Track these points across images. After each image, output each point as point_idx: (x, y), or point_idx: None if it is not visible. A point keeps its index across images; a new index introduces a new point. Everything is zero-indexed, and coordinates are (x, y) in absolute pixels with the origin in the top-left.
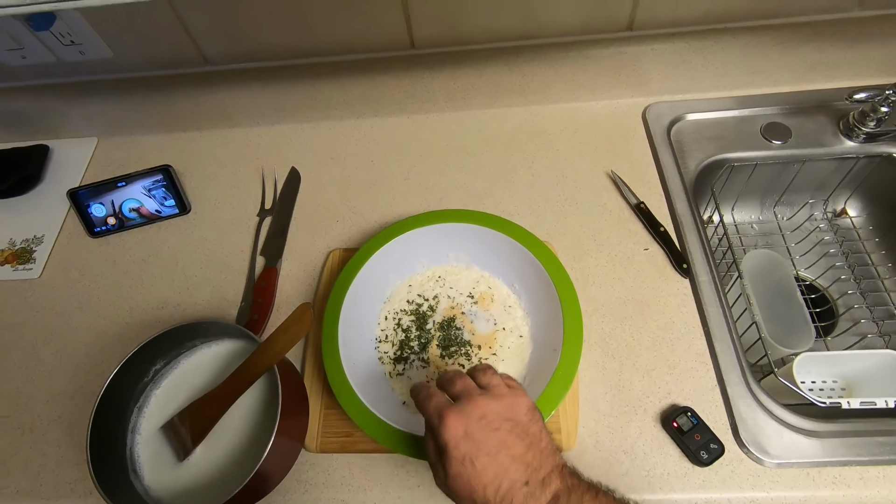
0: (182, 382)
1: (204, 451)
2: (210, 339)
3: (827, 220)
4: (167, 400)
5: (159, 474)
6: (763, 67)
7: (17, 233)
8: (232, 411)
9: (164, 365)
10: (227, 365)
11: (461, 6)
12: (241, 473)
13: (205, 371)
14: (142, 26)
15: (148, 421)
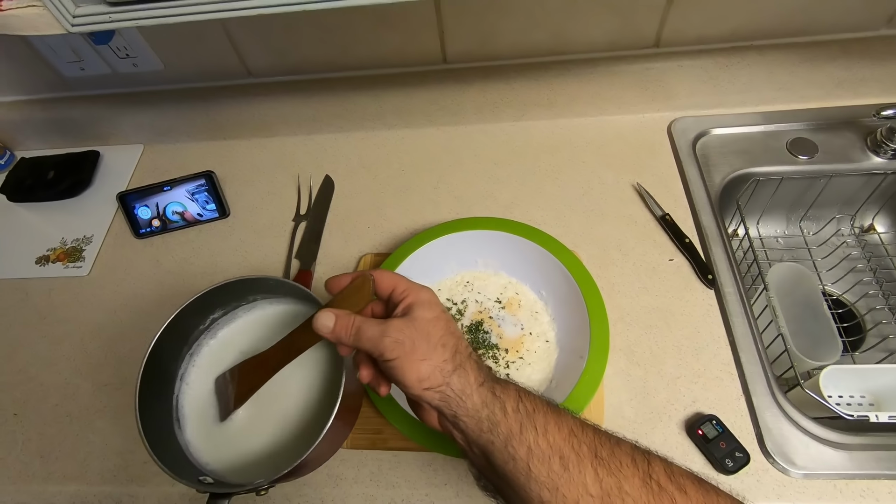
0: (236, 336)
1: (250, 417)
2: (271, 296)
3: (854, 235)
4: (220, 351)
5: (201, 430)
6: (790, 84)
7: (69, 232)
8: (288, 383)
9: (221, 314)
10: (283, 325)
11: (494, 24)
12: (286, 449)
13: (260, 328)
14: (193, 41)
15: (197, 370)
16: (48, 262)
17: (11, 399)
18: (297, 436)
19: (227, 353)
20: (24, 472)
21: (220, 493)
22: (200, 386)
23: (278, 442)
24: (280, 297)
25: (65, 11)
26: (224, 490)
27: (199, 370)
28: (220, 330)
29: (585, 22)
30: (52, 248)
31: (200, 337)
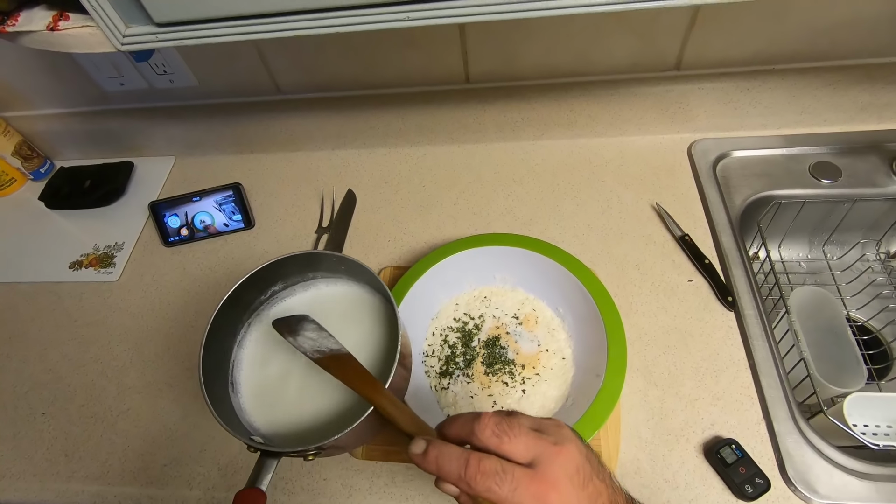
0: (294, 310)
1: (301, 385)
2: (330, 275)
3: (880, 261)
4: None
5: (253, 395)
6: (812, 107)
7: (101, 239)
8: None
9: (282, 288)
10: (340, 305)
11: (517, 46)
12: (334, 418)
13: (317, 305)
14: (227, 59)
15: (254, 339)
16: (81, 267)
17: (40, 398)
18: (346, 407)
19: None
20: (50, 469)
21: (271, 452)
22: (255, 354)
23: (328, 411)
24: (339, 276)
25: (116, 31)
26: (275, 449)
27: (256, 339)
28: (279, 303)
29: (608, 44)
30: (85, 253)
31: (260, 308)
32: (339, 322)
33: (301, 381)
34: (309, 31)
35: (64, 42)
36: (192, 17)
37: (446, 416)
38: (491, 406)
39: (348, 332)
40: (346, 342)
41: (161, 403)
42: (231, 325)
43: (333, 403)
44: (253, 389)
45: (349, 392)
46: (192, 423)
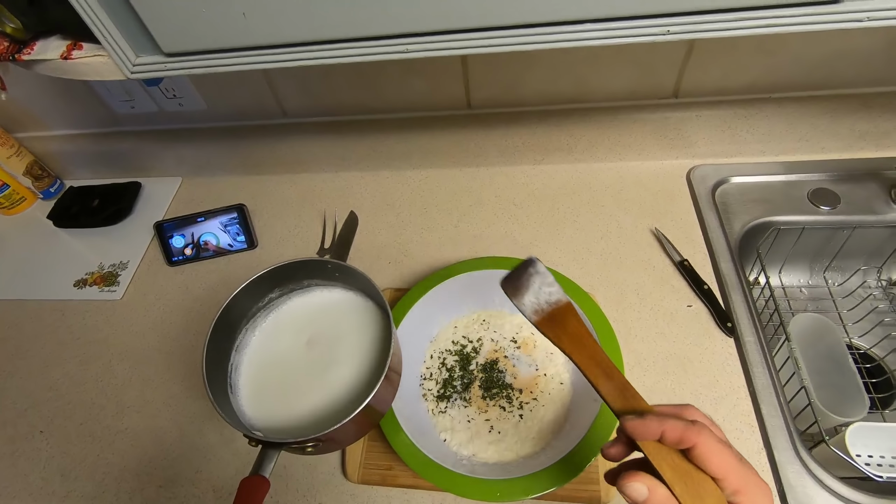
0: (290, 316)
1: (298, 386)
2: (326, 283)
3: (881, 287)
4: (273, 328)
5: (252, 396)
6: (810, 135)
7: (107, 258)
8: (339, 353)
9: (279, 295)
10: (336, 312)
11: (519, 74)
12: (331, 414)
13: (313, 311)
14: (235, 85)
15: (252, 344)
16: (85, 285)
17: (40, 416)
18: (341, 405)
19: (280, 330)
20: (45, 488)
21: (272, 444)
22: (253, 357)
23: (324, 408)
24: (334, 283)
25: (126, 61)
26: (276, 440)
27: (254, 344)
28: (275, 309)
29: (607, 72)
30: (90, 271)
31: (257, 314)
32: (334, 326)
33: (298, 382)
34: (313, 61)
35: (77, 70)
36: (200, 48)
37: (443, 440)
38: (488, 431)
39: (343, 334)
40: (342, 345)
41: (159, 423)
42: (230, 330)
43: (329, 401)
44: (252, 390)
45: (345, 390)
46: (189, 444)
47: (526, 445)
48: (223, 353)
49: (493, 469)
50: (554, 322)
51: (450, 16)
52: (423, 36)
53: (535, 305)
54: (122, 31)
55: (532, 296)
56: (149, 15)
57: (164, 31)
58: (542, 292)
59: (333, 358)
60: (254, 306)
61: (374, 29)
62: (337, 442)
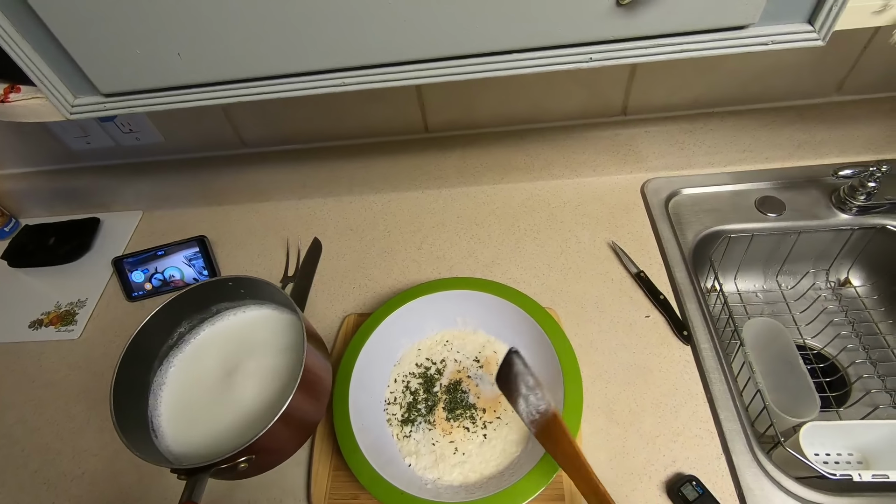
0: (205, 348)
1: (217, 421)
2: (233, 304)
3: (830, 289)
4: (189, 363)
5: (177, 436)
6: (752, 146)
7: (64, 296)
8: (255, 386)
9: (188, 329)
10: (250, 332)
11: (473, 97)
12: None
13: (227, 337)
14: (192, 117)
15: (168, 382)
16: (41, 325)
17: None
18: (266, 417)
19: (196, 360)
20: None
21: (198, 469)
22: (172, 393)
23: (249, 425)
24: (244, 303)
25: (64, 102)
26: (202, 464)
27: (170, 379)
28: (187, 344)
29: (559, 93)
30: (47, 311)
31: (169, 353)
32: (247, 344)
33: (220, 407)
34: (251, 97)
35: (15, 112)
36: (138, 87)
37: (408, 465)
38: (453, 453)
39: (257, 350)
40: (256, 361)
41: (117, 466)
42: (142, 372)
43: (253, 417)
44: (175, 426)
45: (267, 402)
46: (148, 485)
47: (490, 465)
48: (139, 394)
49: (458, 492)
50: (548, 437)
51: (378, 51)
52: (356, 70)
53: (529, 415)
54: (58, 73)
55: (523, 402)
56: (82, 57)
57: (100, 73)
58: (531, 400)
59: (250, 375)
60: (164, 344)
61: (307, 65)
62: (270, 452)
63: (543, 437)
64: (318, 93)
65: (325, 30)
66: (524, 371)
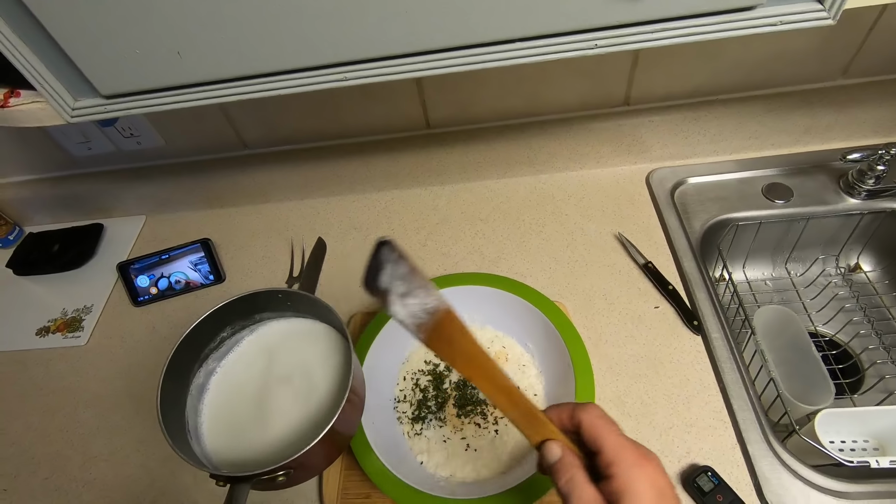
0: (247, 354)
1: (262, 426)
2: (276, 314)
3: (841, 275)
4: (231, 367)
5: (216, 440)
6: (758, 133)
7: (70, 303)
8: (307, 391)
9: (231, 333)
10: (292, 341)
11: (472, 92)
12: (297, 446)
13: (273, 346)
14: (192, 120)
15: (210, 386)
16: (48, 332)
17: (2, 473)
18: (307, 431)
19: (238, 367)
20: None
21: (240, 478)
22: (214, 397)
23: (289, 437)
24: (286, 314)
25: (65, 105)
26: (244, 474)
27: (212, 384)
28: (231, 347)
29: (557, 85)
30: (53, 318)
31: (210, 354)
32: (291, 355)
33: (259, 416)
34: (253, 94)
35: (15, 117)
36: (138, 88)
37: (420, 463)
38: (464, 450)
39: (301, 362)
40: (300, 373)
41: (127, 471)
42: (183, 375)
43: (294, 430)
44: (215, 431)
45: (308, 417)
46: (160, 490)
47: (502, 461)
48: (179, 398)
49: (472, 488)
50: (442, 340)
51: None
52: (357, 64)
53: (413, 318)
54: (58, 76)
55: (404, 307)
56: (82, 59)
57: (100, 74)
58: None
59: (293, 387)
60: (206, 347)
61: (308, 60)
62: (308, 468)
63: (436, 343)
64: (320, 88)
65: (325, 24)
66: (397, 263)
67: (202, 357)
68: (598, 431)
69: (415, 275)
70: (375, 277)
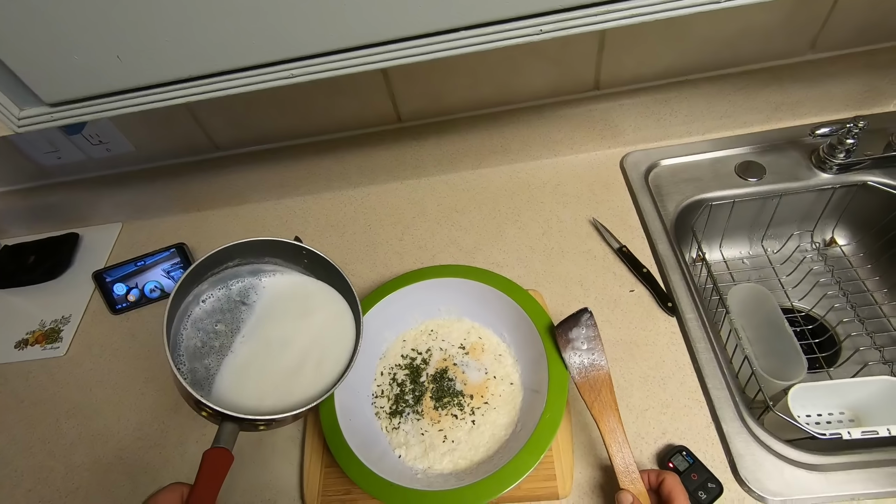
0: (274, 307)
1: (267, 376)
2: (290, 266)
3: (816, 250)
4: (263, 320)
5: (233, 384)
6: (729, 112)
7: (48, 314)
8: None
9: (237, 264)
10: (311, 304)
11: (441, 84)
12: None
13: (291, 300)
14: (160, 124)
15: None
16: (27, 345)
17: None
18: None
19: (267, 325)
20: None
21: (227, 416)
22: (247, 350)
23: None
24: (297, 267)
25: (10, 115)
26: (230, 413)
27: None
28: (255, 303)
29: (527, 73)
30: (31, 330)
31: (209, 277)
32: (310, 321)
33: (269, 373)
34: (200, 96)
35: None
36: (83, 94)
37: (398, 457)
38: (442, 441)
39: (319, 328)
40: (316, 338)
41: (111, 478)
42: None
43: (291, 385)
44: (232, 381)
45: (303, 376)
46: (142, 496)
47: (479, 451)
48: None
49: (449, 479)
50: (592, 388)
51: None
52: (303, 60)
53: (580, 367)
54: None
55: (578, 357)
56: (21, 67)
57: (41, 83)
58: (589, 357)
59: (301, 345)
60: (209, 272)
61: (251, 59)
62: (287, 423)
63: (585, 388)
64: (268, 86)
65: (262, 21)
66: (588, 328)
67: (209, 272)
68: (673, 489)
69: (597, 340)
70: (570, 329)
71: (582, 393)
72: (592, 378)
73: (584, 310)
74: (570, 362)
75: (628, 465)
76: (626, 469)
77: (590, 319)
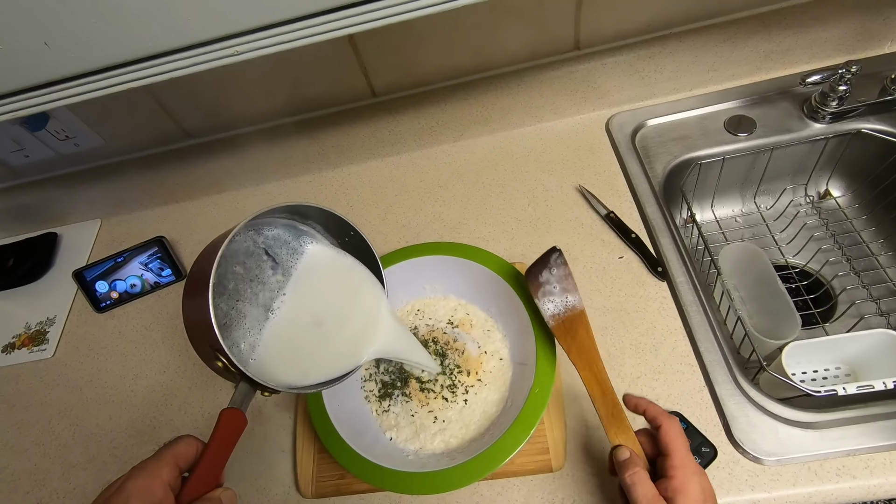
0: (314, 279)
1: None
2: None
3: (811, 203)
4: (304, 290)
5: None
6: (717, 64)
7: (32, 316)
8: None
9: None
10: (352, 283)
11: (414, 53)
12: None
13: (333, 278)
14: (126, 114)
15: (289, 301)
16: (14, 349)
17: None
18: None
19: (307, 296)
20: None
21: (247, 377)
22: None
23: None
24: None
25: None
26: (247, 372)
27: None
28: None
29: (502, 36)
30: (17, 334)
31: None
32: (350, 303)
33: (307, 346)
34: (138, 82)
35: None
36: (12, 88)
37: (389, 439)
38: (433, 422)
39: (354, 311)
40: (339, 309)
41: (107, 476)
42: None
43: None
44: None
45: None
46: None
47: (471, 429)
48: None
49: (441, 459)
50: (567, 330)
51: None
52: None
53: (553, 311)
54: None
55: (552, 302)
56: None
57: None
58: (562, 298)
59: (336, 324)
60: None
61: (186, 39)
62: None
63: (560, 331)
64: (211, 66)
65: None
66: (559, 267)
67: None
68: (673, 439)
69: (568, 279)
70: (539, 272)
71: (559, 339)
72: (568, 320)
73: (554, 248)
74: (543, 308)
75: (613, 407)
76: (612, 413)
77: (559, 258)
